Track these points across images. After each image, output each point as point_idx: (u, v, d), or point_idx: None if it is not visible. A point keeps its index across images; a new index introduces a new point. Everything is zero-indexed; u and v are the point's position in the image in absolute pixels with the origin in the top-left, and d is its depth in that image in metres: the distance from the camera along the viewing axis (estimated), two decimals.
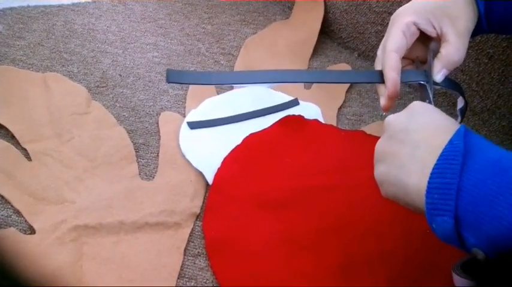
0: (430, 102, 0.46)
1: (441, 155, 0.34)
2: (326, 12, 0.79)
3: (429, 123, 0.38)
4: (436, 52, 0.48)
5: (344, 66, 0.74)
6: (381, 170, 0.39)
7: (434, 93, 0.47)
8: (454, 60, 0.47)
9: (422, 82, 0.48)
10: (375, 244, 0.50)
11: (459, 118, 0.52)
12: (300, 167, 0.58)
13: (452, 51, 0.46)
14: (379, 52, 0.50)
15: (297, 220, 0.52)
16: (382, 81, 0.48)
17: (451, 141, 0.34)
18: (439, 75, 0.47)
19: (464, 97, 0.51)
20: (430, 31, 0.47)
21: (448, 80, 0.49)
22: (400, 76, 0.47)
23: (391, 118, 0.40)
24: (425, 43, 0.50)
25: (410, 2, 0.49)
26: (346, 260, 0.49)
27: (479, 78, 0.65)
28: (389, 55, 0.47)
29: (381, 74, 0.48)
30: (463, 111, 0.52)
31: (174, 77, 0.51)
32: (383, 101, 0.48)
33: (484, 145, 0.34)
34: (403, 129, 0.38)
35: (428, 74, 0.48)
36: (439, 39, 0.48)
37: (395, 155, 0.38)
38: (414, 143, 0.37)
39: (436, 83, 0.48)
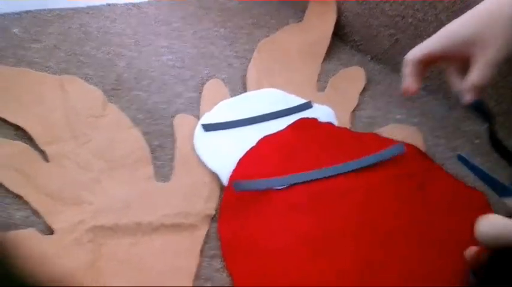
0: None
1: None
2: (339, 15, 0.79)
3: None
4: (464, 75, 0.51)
5: (356, 70, 0.74)
6: None
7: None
8: (477, 86, 0.49)
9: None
10: (391, 248, 0.50)
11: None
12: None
13: (476, 78, 0.49)
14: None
15: (311, 222, 0.53)
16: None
17: None
18: (465, 98, 0.50)
19: (490, 124, 0.53)
20: (459, 57, 0.51)
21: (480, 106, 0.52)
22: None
23: None
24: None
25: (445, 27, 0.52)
26: (362, 263, 0.49)
27: (494, 81, 0.64)
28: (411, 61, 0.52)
29: None
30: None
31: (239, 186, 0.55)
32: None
33: None
34: None
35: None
36: (467, 62, 0.50)
37: None
38: None
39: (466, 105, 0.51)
